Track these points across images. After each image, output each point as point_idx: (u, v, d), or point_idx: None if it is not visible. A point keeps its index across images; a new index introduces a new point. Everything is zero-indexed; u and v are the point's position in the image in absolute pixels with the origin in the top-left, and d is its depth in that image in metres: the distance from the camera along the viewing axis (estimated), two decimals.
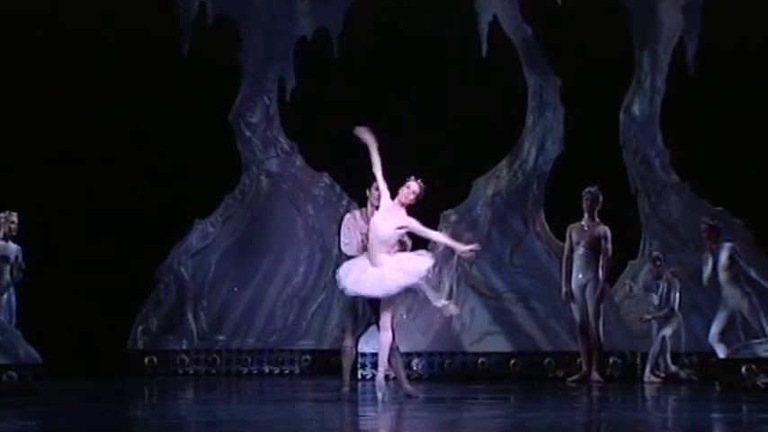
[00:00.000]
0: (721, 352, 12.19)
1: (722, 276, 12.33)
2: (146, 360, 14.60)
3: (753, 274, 12.39)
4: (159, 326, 14.70)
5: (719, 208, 14.00)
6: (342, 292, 10.84)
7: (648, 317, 13.29)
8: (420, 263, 10.67)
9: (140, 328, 14.67)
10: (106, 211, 14.44)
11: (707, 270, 12.38)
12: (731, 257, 12.35)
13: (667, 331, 13.19)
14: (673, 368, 13.22)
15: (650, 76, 14.37)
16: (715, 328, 12.40)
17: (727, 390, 11.73)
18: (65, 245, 14.05)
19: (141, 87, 14.54)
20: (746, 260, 12.44)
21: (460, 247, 10.96)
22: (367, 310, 10.86)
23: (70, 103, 14.39)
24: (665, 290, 13.20)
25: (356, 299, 10.79)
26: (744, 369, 11.81)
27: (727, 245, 12.47)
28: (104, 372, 13.84)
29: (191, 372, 14.52)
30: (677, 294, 13.16)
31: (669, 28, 14.27)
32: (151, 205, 14.49)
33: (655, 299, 13.33)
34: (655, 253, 13.57)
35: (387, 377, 10.83)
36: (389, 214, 10.72)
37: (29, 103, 14.23)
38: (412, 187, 10.79)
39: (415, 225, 10.71)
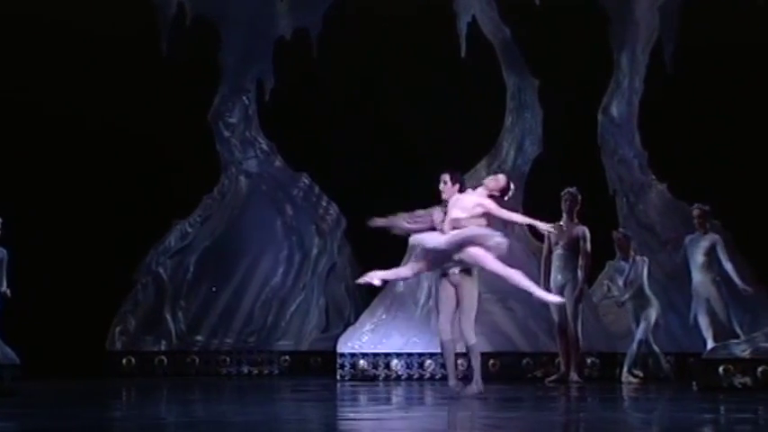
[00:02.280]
0: (711, 344, 12.38)
1: (698, 260, 12.55)
2: (124, 361, 14.56)
3: (729, 268, 12.63)
4: (137, 326, 14.66)
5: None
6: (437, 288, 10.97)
7: (623, 299, 13.29)
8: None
9: (118, 329, 14.63)
10: (85, 211, 14.40)
11: (696, 251, 12.57)
12: (712, 247, 12.61)
13: (651, 317, 13.17)
14: (666, 366, 13.24)
15: (628, 77, 14.42)
16: (703, 323, 12.58)
17: (704, 390, 11.77)
18: (43, 245, 14.00)
19: (120, 88, 14.50)
20: (728, 258, 12.66)
21: (542, 225, 11.08)
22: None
23: (48, 104, 14.34)
24: (631, 269, 13.22)
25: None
26: (721, 369, 11.86)
27: (715, 236, 12.73)
28: (82, 372, 13.79)
29: (169, 372, 14.48)
30: (645, 271, 13.17)
31: (647, 29, 14.32)
32: (130, 205, 14.46)
33: (620, 279, 13.35)
34: (620, 231, 13.58)
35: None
36: (469, 194, 10.86)
37: (5, 104, 14.18)
38: (501, 182, 10.89)
39: (493, 206, 10.80)
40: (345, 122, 14.97)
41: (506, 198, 10.98)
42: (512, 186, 11.03)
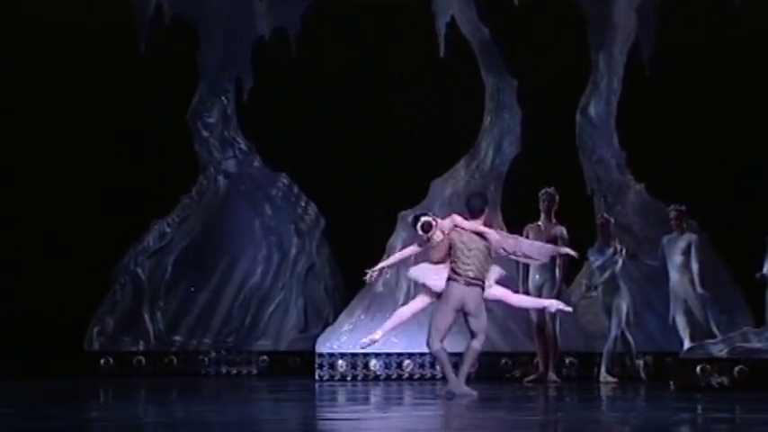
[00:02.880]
0: (688, 344, 12.44)
1: (676, 261, 12.61)
2: (102, 361, 14.52)
3: (695, 269, 12.72)
4: (115, 327, 14.62)
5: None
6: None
7: (595, 283, 13.32)
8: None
9: (96, 329, 14.59)
10: (62, 211, 14.36)
11: (674, 251, 12.64)
12: (689, 247, 12.75)
13: (622, 309, 13.19)
14: (639, 362, 13.28)
15: (606, 78, 14.45)
16: (680, 323, 12.64)
17: (681, 389, 11.82)
18: (20, 245, 13.95)
19: (98, 87, 14.47)
20: (700, 259, 12.73)
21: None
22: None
23: (26, 103, 14.29)
24: (610, 257, 13.25)
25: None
26: (698, 369, 11.91)
27: (692, 236, 12.84)
28: (60, 373, 13.75)
29: (147, 373, 14.45)
30: (620, 261, 13.21)
31: (624, 29, 14.35)
32: (108, 205, 14.42)
33: (595, 261, 13.34)
34: (604, 216, 13.61)
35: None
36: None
37: None
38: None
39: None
40: (324, 122, 14.97)
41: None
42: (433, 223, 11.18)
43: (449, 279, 11.02)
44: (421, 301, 11.27)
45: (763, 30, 13.15)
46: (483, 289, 11.05)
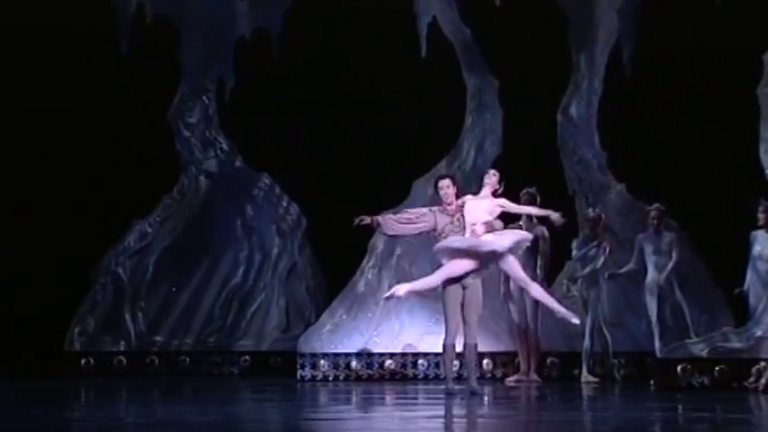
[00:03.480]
0: (659, 342, 12.52)
1: (653, 259, 12.68)
2: (83, 361, 14.48)
3: (670, 266, 12.81)
4: (96, 327, 14.58)
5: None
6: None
7: (577, 275, 13.36)
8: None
9: (77, 330, 14.55)
10: (43, 210, 14.31)
11: (650, 248, 12.73)
12: (671, 245, 12.85)
13: (597, 305, 13.23)
14: (614, 361, 13.32)
15: (587, 78, 14.49)
16: (655, 320, 12.73)
17: (662, 389, 11.86)
18: None
19: (79, 87, 14.43)
20: (679, 257, 12.82)
21: (554, 215, 11.45)
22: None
23: (5, 103, 14.23)
24: (592, 250, 13.30)
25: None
26: (679, 368, 11.95)
27: (672, 234, 12.96)
28: (40, 373, 13.70)
29: (128, 373, 14.41)
30: (603, 256, 13.26)
31: (606, 30, 14.39)
32: (89, 205, 14.38)
33: (577, 253, 13.40)
34: (596, 211, 13.65)
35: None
36: (483, 197, 11.28)
37: None
38: (497, 176, 11.42)
39: (512, 205, 11.46)
40: (306, 123, 14.96)
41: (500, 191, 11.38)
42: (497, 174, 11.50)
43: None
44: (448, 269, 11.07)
45: (744, 31, 13.20)
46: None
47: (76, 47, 14.37)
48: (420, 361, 13.71)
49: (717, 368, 11.88)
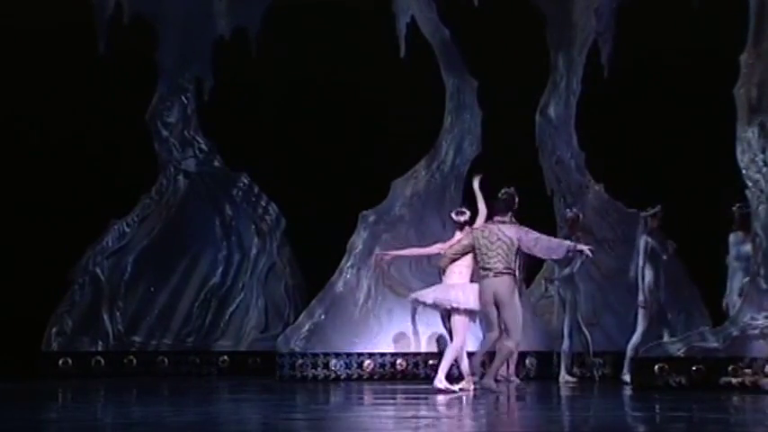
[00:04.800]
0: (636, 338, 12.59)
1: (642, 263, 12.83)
2: (60, 362, 14.44)
3: (639, 261, 12.84)
4: (74, 327, 14.54)
5: (633, 210, 14.21)
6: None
7: (555, 276, 13.40)
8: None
9: (55, 330, 14.50)
10: (21, 210, 14.26)
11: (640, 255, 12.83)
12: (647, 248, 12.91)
13: (574, 305, 13.26)
14: (595, 360, 13.35)
15: (565, 78, 14.52)
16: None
17: (639, 389, 11.90)
18: None
19: (57, 86, 14.38)
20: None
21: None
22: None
23: None
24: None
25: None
26: (656, 368, 11.99)
27: (647, 238, 13.01)
28: (18, 374, 13.65)
29: (106, 373, 14.38)
30: (581, 258, 13.28)
31: (583, 30, 14.43)
32: (67, 205, 14.34)
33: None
34: (573, 211, 13.67)
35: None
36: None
37: None
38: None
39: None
40: (285, 122, 14.96)
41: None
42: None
43: (480, 278, 11.35)
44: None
45: (720, 32, 13.26)
46: (514, 277, 11.31)
47: (54, 46, 14.33)
48: (399, 361, 13.72)
49: (694, 368, 11.93)
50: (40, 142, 14.41)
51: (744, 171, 12.37)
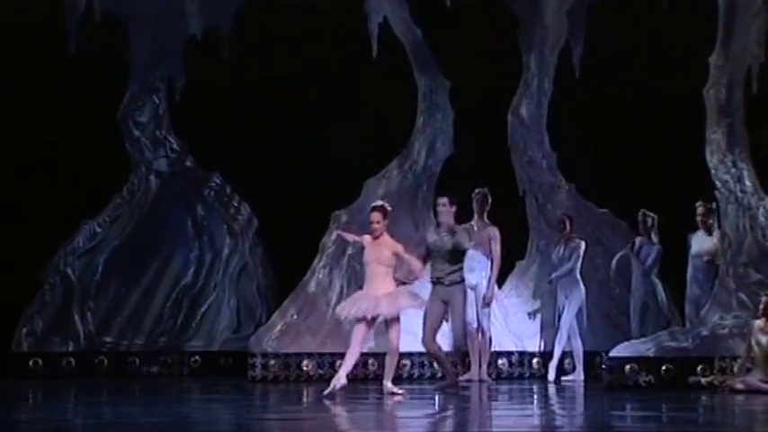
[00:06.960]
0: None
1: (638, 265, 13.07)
2: (31, 362, 14.36)
3: (615, 260, 13.26)
4: (45, 327, 14.47)
5: (604, 210, 14.29)
6: None
7: (553, 276, 13.47)
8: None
9: (25, 330, 14.43)
10: None
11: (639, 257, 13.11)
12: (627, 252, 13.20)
13: (575, 302, 13.33)
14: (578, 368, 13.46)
15: (537, 79, 14.56)
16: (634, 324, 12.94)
17: (610, 388, 11.96)
18: None
19: (27, 85, 14.32)
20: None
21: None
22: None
23: None
24: (566, 249, 13.39)
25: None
26: (627, 368, 12.06)
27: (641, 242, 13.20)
28: None
29: (77, 374, 14.32)
30: (580, 256, 13.37)
31: (555, 31, 14.47)
32: (38, 205, 14.27)
33: (554, 257, 13.50)
34: (565, 214, 13.74)
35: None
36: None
37: None
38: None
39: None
40: (257, 122, 14.94)
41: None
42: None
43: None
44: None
45: (690, 33, 13.34)
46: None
47: (25, 45, 14.25)
48: (370, 361, 13.72)
49: (663, 367, 12.00)
50: (11, 142, 14.34)
51: (713, 171, 12.46)
